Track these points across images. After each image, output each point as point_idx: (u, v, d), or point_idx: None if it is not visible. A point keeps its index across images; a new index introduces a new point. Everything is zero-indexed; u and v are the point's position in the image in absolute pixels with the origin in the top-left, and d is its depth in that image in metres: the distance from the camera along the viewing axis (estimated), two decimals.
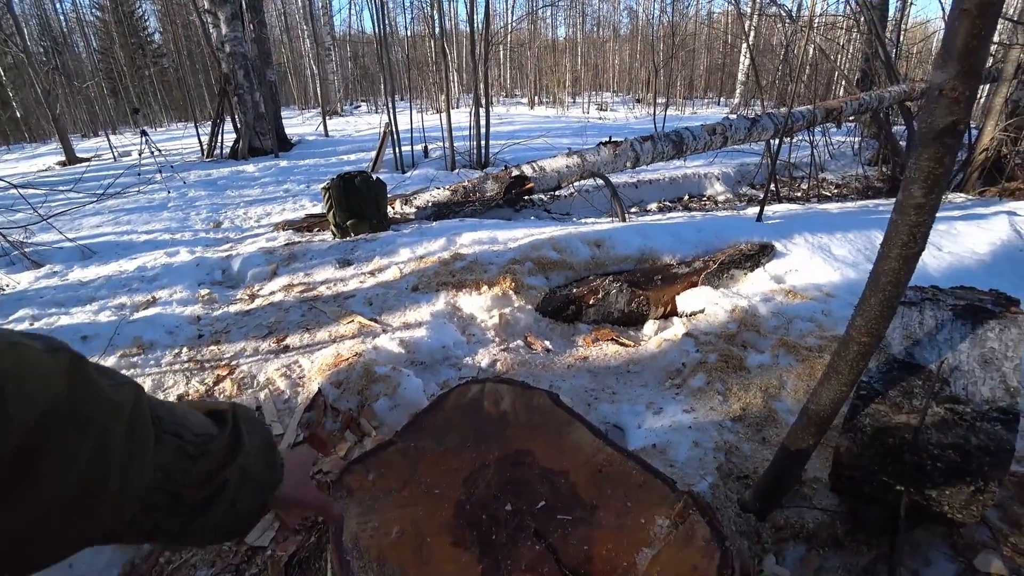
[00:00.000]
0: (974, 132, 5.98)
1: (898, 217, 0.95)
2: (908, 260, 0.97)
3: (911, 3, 9.19)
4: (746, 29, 11.97)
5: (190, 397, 2.14)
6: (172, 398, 2.10)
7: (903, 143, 6.41)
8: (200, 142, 8.41)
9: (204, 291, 3.11)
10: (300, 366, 2.27)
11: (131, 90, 20.17)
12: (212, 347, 2.50)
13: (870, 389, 1.34)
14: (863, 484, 1.39)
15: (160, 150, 7.07)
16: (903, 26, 9.11)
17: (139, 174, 6.59)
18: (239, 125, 8.05)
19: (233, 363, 2.36)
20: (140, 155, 6.92)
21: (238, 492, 0.51)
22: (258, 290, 3.12)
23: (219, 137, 8.14)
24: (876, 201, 5.50)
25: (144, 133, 6.86)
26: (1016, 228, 3.92)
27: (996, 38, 5.79)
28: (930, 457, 1.26)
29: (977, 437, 1.23)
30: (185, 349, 2.49)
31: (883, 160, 7.02)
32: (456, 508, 0.90)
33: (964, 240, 3.74)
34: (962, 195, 5.53)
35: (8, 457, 0.32)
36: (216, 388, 2.19)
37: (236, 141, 8.11)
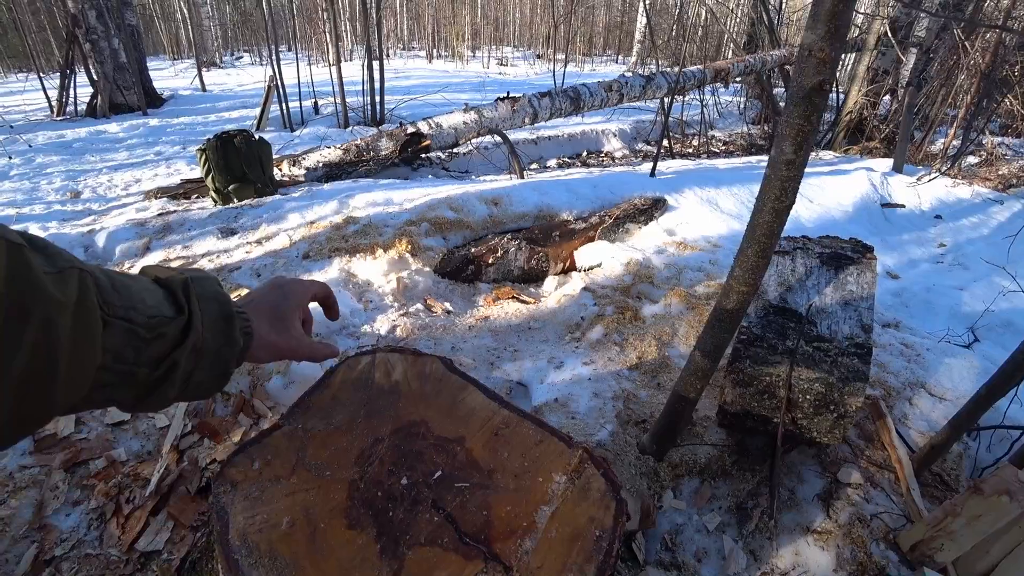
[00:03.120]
0: (842, 96, 6.54)
1: (771, 172, 0.99)
2: (780, 213, 1.02)
3: None
4: None
5: None
6: None
7: (783, 104, 6.89)
8: (47, 97, 7.26)
9: None
10: None
11: None
12: None
13: (750, 333, 1.44)
14: (746, 419, 1.51)
15: None
16: None
17: None
18: (96, 77, 7.02)
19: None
20: None
21: (193, 369, 0.52)
22: (129, 268, 2.80)
23: (71, 91, 7.07)
24: (759, 157, 5.90)
25: None
26: (872, 182, 4.37)
27: (861, 10, 6.31)
28: (800, 391, 1.39)
29: (839, 370, 1.37)
30: None
31: (765, 119, 7.53)
32: (349, 489, 0.86)
33: (831, 193, 4.13)
34: (831, 152, 6.07)
35: None
36: None
37: (93, 96, 7.08)
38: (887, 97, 6.67)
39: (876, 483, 1.55)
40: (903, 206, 4.26)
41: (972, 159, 5.85)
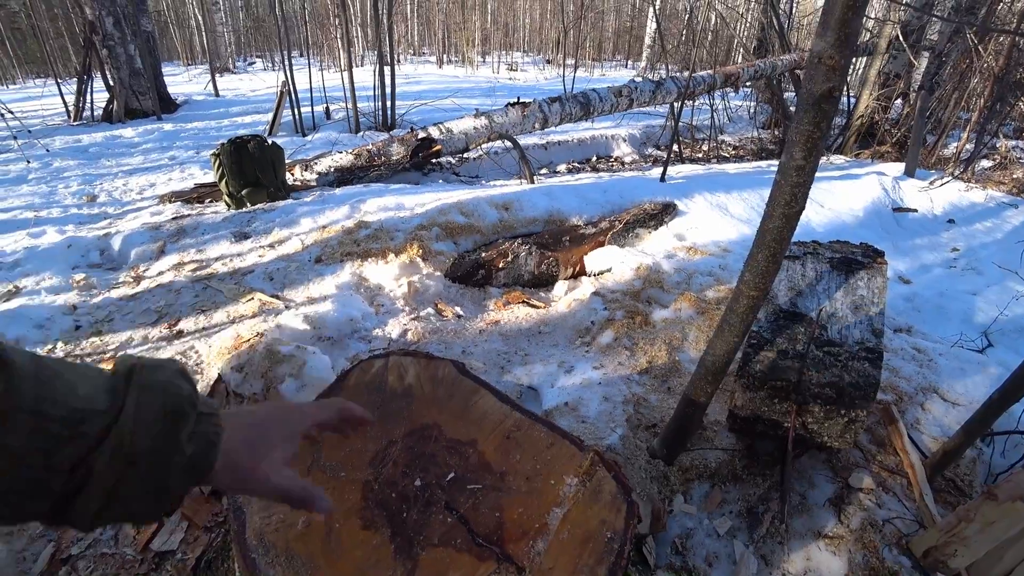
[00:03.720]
0: (852, 100, 6.51)
1: (781, 178, 1.00)
2: (790, 218, 1.03)
3: None
4: None
5: None
6: None
7: (793, 108, 6.87)
8: (64, 102, 7.38)
9: (79, 276, 2.78)
10: (196, 352, 2.11)
11: None
12: (93, 339, 2.25)
13: (760, 338, 1.44)
14: (756, 423, 1.51)
15: (13, 112, 6.14)
16: None
17: None
18: (112, 83, 7.13)
19: (119, 354, 2.14)
20: None
21: (117, 481, 0.41)
22: (144, 271, 2.84)
23: (88, 96, 7.17)
24: (769, 162, 5.88)
25: None
26: (884, 187, 4.35)
27: (872, 14, 6.27)
28: (811, 395, 1.39)
29: (849, 375, 1.36)
30: (60, 344, 2.22)
31: (775, 124, 7.50)
32: (364, 490, 0.87)
33: (842, 198, 4.11)
34: (842, 157, 6.04)
35: None
36: None
37: (109, 101, 7.19)
38: (899, 101, 6.62)
39: (888, 488, 1.55)
40: (915, 210, 4.22)
41: (986, 163, 5.79)
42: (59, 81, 7.80)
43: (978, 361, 2.06)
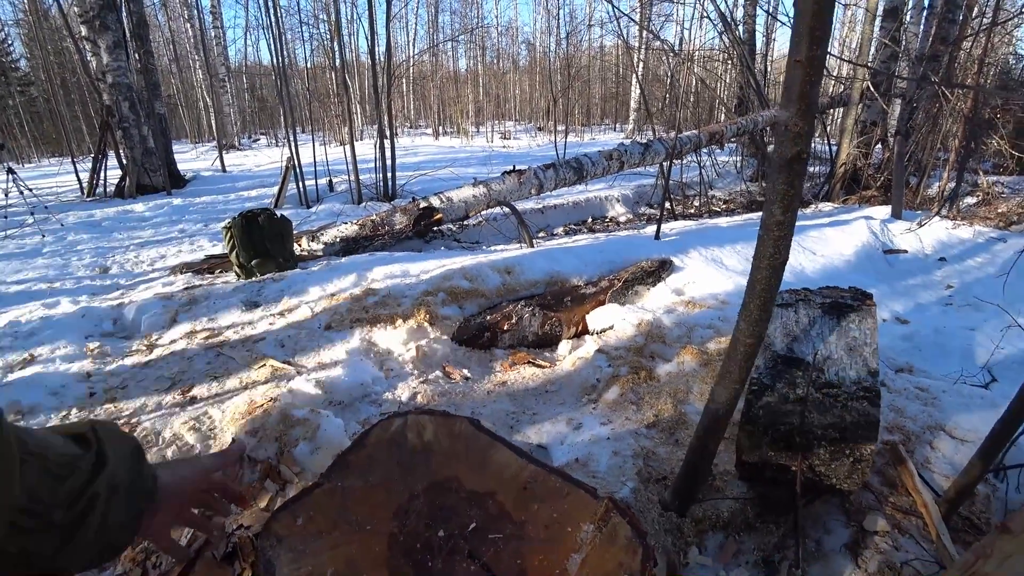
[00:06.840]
0: (834, 149, 6.80)
1: (764, 234, 1.09)
2: (776, 269, 1.12)
3: (774, 39, 10.40)
4: (635, 62, 12.90)
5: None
6: None
7: None
8: (79, 180, 7.72)
9: (93, 344, 2.84)
10: (210, 417, 2.14)
11: None
12: (107, 405, 2.29)
13: (760, 384, 1.50)
14: (764, 469, 1.54)
15: (31, 189, 6.41)
16: (769, 58, 10.26)
17: (5, 217, 5.94)
18: (125, 161, 7.48)
19: (133, 420, 2.17)
20: (6, 195, 6.23)
21: (108, 505, 0.50)
22: (157, 339, 2.90)
23: (102, 174, 7.52)
24: (759, 213, 6.06)
25: (11, 171, 6.20)
26: (872, 230, 4.49)
27: (843, 72, 6.62)
28: (815, 437, 1.43)
29: (850, 415, 1.41)
30: (75, 410, 2.25)
31: (762, 176, 7.79)
32: (389, 541, 0.91)
33: (833, 244, 4.24)
34: (830, 204, 6.24)
35: None
36: None
37: (122, 178, 7.52)
38: (878, 146, 6.90)
39: (904, 530, 1.55)
40: (906, 251, 4.34)
41: (970, 200, 5.96)
42: (75, 160, 8.16)
43: (982, 396, 2.09)
